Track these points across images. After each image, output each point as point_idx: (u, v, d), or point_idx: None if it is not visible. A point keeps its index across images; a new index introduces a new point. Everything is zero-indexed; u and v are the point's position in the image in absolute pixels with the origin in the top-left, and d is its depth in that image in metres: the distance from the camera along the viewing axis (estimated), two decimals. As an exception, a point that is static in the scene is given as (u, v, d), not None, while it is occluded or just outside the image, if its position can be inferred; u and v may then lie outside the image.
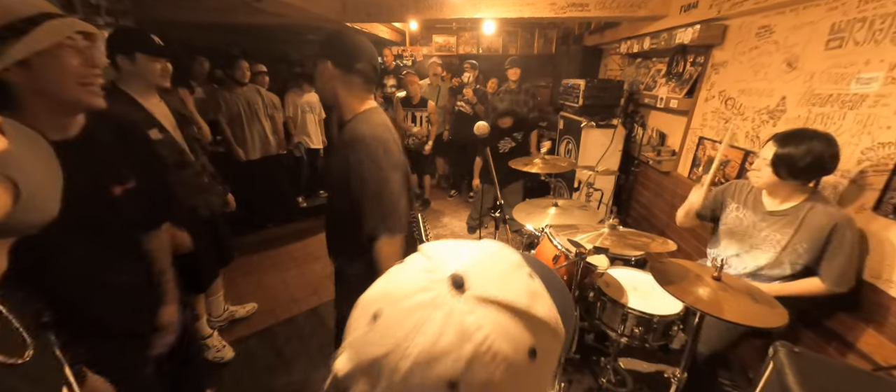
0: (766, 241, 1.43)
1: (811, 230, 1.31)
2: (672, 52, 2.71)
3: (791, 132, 1.32)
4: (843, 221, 1.27)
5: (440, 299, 0.28)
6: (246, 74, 3.09)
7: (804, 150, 1.25)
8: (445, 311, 0.27)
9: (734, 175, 2.09)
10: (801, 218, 1.34)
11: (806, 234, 1.32)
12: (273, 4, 2.30)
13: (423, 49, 5.56)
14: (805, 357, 0.75)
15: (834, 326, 1.52)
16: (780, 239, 1.39)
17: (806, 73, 1.70)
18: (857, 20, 1.49)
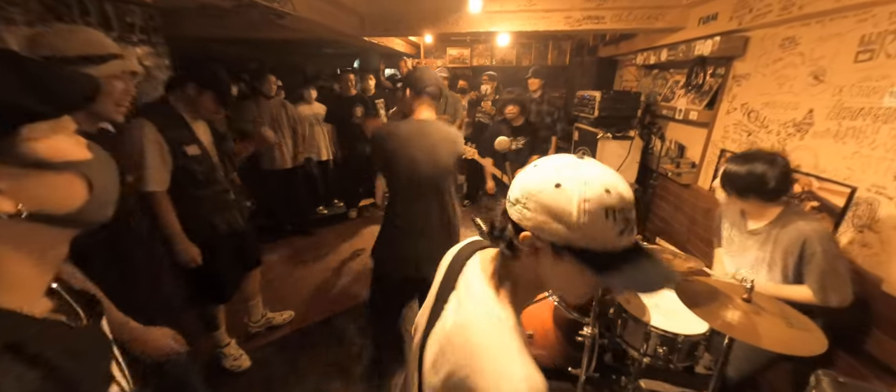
0: (757, 260, 1.40)
1: (785, 246, 1.29)
2: (691, 64, 2.67)
3: (742, 153, 1.35)
4: (813, 235, 1.23)
5: (582, 165, 0.53)
6: (273, 88, 3.20)
7: (745, 169, 1.28)
8: (589, 168, 0.52)
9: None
10: (774, 235, 1.32)
11: (781, 250, 1.30)
12: (295, 21, 2.37)
13: (438, 61, 5.63)
14: (851, 388, 0.71)
15: (873, 350, 1.44)
16: (763, 256, 1.36)
17: (834, 86, 1.65)
18: (890, 32, 1.45)
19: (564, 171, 0.50)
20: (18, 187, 0.39)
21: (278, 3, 2.03)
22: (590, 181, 0.49)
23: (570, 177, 0.49)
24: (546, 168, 0.52)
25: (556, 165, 0.52)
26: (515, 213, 0.53)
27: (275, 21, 2.32)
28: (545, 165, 0.53)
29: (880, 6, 1.47)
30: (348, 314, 2.57)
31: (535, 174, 0.53)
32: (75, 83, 0.45)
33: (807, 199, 1.76)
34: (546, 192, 0.50)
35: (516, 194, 0.53)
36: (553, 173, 0.51)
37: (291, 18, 2.28)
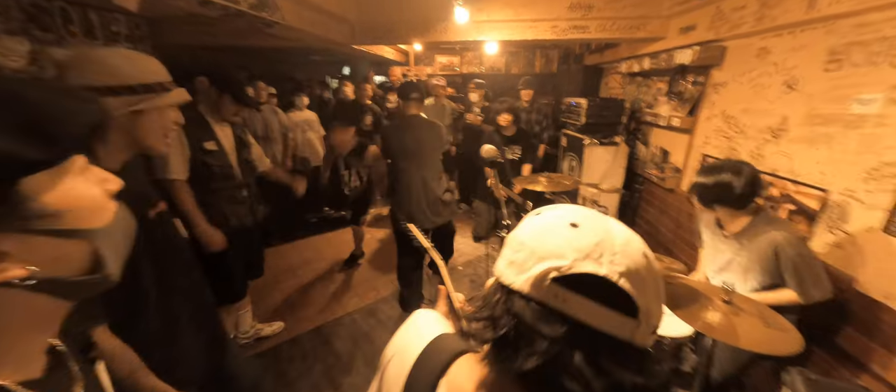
0: (730, 263, 1.44)
1: (758, 252, 1.33)
2: (672, 72, 2.76)
3: (710, 165, 1.40)
4: (782, 241, 1.27)
5: (605, 216, 0.43)
6: (263, 95, 3.22)
7: (712, 180, 1.33)
8: (614, 222, 0.42)
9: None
10: (746, 242, 1.37)
11: (755, 256, 1.34)
12: (284, 29, 2.38)
13: (427, 69, 5.68)
14: (820, 384, 0.74)
15: (847, 347, 1.50)
16: (740, 261, 1.41)
17: (806, 94, 1.73)
18: (855, 43, 1.53)
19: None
20: (28, 249, 0.34)
21: (267, 12, 2.04)
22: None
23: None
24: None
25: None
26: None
27: (263, 29, 2.33)
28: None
29: (845, 18, 1.55)
30: (338, 323, 2.55)
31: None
32: (77, 116, 0.38)
33: (784, 202, 1.82)
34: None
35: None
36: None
37: (280, 27, 2.29)
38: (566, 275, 0.37)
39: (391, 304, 2.75)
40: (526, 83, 3.80)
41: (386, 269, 3.20)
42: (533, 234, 0.41)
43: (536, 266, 0.38)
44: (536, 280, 0.38)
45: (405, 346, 0.51)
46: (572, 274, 0.37)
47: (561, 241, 0.39)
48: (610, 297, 0.36)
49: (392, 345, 0.53)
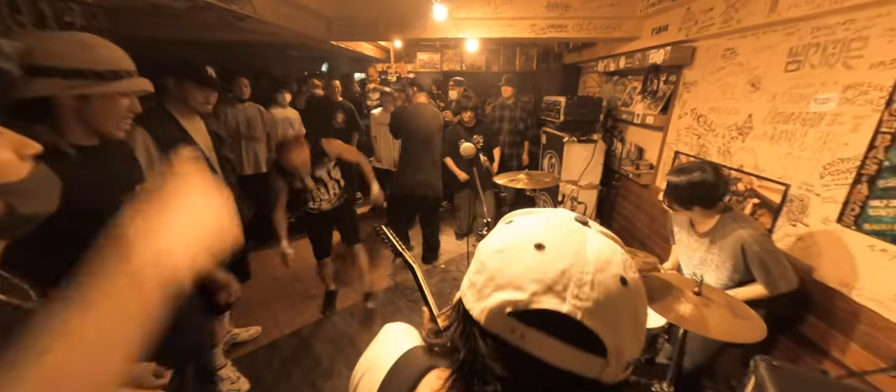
0: (703, 261, 1.51)
1: (727, 250, 1.40)
2: (646, 72, 2.84)
3: (677, 168, 1.44)
4: (748, 238, 1.34)
5: (581, 230, 0.37)
6: (246, 91, 3.09)
7: (685, 181, 1.37)
8: (591, 236, 0.36)
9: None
10: (717, 240, 1.43)
11: (726, 253, 1.41)
12: (256, 23, 2.29)
13: (408, 66, 5.63)
14: (783, 370, 0.78)
15: (809, 334, 1.59)
16: (711, 258, 1.47)
17: (769, 94, 1.81)
18: (812, 45, 1.61)
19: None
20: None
21: (237, 4, 1.96)
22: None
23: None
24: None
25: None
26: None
27: (234, 23, 2.23)
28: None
29: (803, 21, 1.64)
30: (318, 326, 2.50)
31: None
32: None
33: (749, 197, 1.91)
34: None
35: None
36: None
37: (253, 21, 2.20)
38: (524, 310, 0.33)
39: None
40: (507, 81, 3.82)
41: (367, 269, 3.15)
42: (494, 254, 0.37)
43: (494, 295, 0.35)
44: (492, 312, 0.34)
45: (375, 362, 0.49)
46: (531, 310, 0.33)
47: (521, 268, 0.34)
48: (574, 334, 0.32)
49: (363, 360, 0.51)
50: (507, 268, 0.35)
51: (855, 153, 1.43)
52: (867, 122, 1.39)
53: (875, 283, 1.36)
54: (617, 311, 0.33)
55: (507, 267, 0.35)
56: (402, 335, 0.51)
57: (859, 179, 1.41)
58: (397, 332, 0.52)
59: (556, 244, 0.35)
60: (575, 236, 0.36)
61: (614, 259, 0.35)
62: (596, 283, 0.33)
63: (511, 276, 0.35)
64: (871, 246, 1.37)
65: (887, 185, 1.32)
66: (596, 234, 0.37)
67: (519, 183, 2.33)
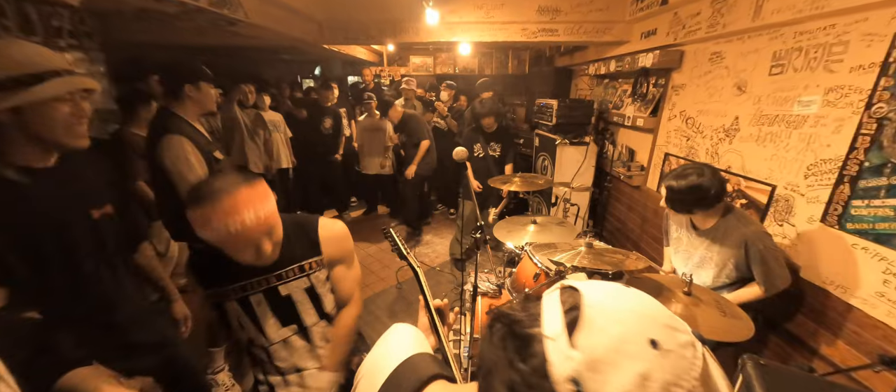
0: (703, 259, 1.54)
1: (730, 248, 1.43)
2: (636, 75, 2.89)
3: (677, 172, 1.44)
4: (752, 236, 1.37)
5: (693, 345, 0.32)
6: (251, 98, 3.18)
7: (685, 185, 1.39)
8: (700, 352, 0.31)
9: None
10: (719, 237, 1.46)
11: (728, 251, 1.44)
12: (248, 27, 2.28)
13: (401, 69, 5.64)
14: (770, 368, 0.79)
15: (797, 332, 1.62)
16: (711, 256, 1.50)
17: (754, 96, 1.86)
18: (795, 49, 1.65)
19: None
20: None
21: (228, 9, 1.95)
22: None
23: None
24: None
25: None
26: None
27: (225, 27, 2.22)
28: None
29: (786, 26, 1.68)
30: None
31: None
32: None
33: (737, 197, 1.95)
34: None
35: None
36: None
37: (244, 25, 2.20)
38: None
39: (369, 309, 2.71)
40: (482, 86, 3.84)
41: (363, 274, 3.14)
42: (606, 344, 0.29)
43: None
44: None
45: (374, 366, 0.47)
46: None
47: (629, 378, 0.28)
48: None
49: (365, 363, 0.51)
50: (615, 374, 0.28)
51: (837, 154, 1.47)
52: (848, 123, 1.43)
53: (858, 280, 1.40)
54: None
55: (615, 373, 0.28)
56: (407, 338, 0.50)
57: (841, 180, 1.44)
58: (403, 335, 0.50)
59: (672, 344, 0.30)
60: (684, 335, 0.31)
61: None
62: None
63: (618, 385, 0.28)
64: (853, 245, 1.41)
65: (868, 185, 1.36)
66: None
67: (512, 185, 2.34)
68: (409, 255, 0.94)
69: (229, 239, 0.74)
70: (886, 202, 1.30)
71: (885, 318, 1.32)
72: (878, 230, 1.32)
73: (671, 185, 1.42)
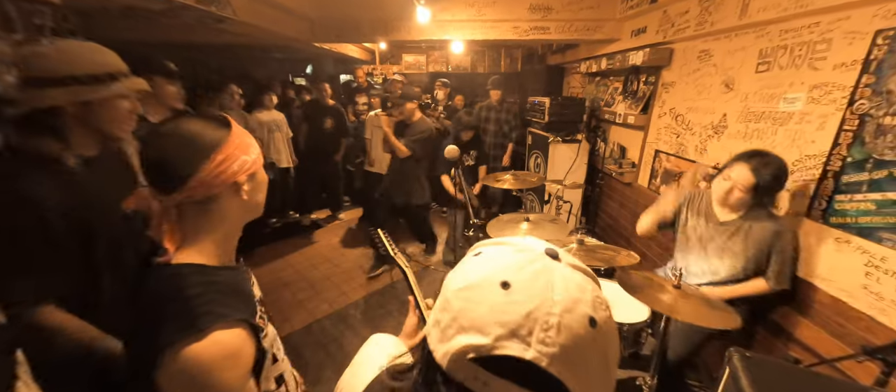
0: (719, 249, 1.54)
1: (757, 237, 1.45)
2: (626, 72, 2.91)
3: (757, 156, 1.41)
4: (784, 227, 1.41)
5: (550, 266, 0.35)
6: (236, 99, 3.16)
7: (772, 173, 1.38)
8: (560, 272, 0.34)
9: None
10: (747, 227, 1.48)
11: (753, 241, 1.45)
12: (237, 25, 2.25)
13: (394, 68, 5.62)
14: (756, 360, 0.81)
15: (782, 323, 1.65)
16: (730, 246, 1.51)
17: (741, 94, 1.89)
18: (780, 47, 1.68)
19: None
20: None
21: (216, 6, 1.92)
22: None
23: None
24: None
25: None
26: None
27: (213, 25, 2.19)
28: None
29: (772, 24, 1.71)
30: (307, 331, 2.47)
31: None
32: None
33: (725, 193, 1.98)
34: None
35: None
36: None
37: (233, 22, 2.17)
38: (487, 357, 0.31)
39: (362, 309, 2.70)
40: (494, 83, 3.86)
41: (356, 274, 3.14)
42: (459, 290, 0.35)
43: (456, 338, 0.32)
44: (455, 357, 0.32)
45: (348, 384, 0.48)
46: (494, 356, 0.31)
47: (485, 309, 0.32)
48: (540, 382, 0.30)
49: (342, 379, 0.51)
50: (471, 308, 0.33)
51: (821, 150, 1.50)
52: (831, 120, 1.46)
53: (842, 273, 1.43)
54: (585, 356, 0.32)
55: (471, 307, 0.33)
56: (381, 352, 0.50)
57: (825, 175, 1.48)
58: (377, 350, 0.50)
59: (523, 282, 0.33)
60: (543, 274, 0.34)
61: (584, 297, 0.33)
62: (563, 326, 0.31)
63: (474, 317, 0.32)
64: (837, 238, 1.44)
65: (850, 180, 1.39)
66: (565, 269, 0.35)
67: (505, 183, 2.35)
68: (397, 255, 0.94)
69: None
70: (868, 196, 1.33)
71: (867, 310, 1.35)
72: (861, 224, 1.36)
73: (763, 173, 1.37)
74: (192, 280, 0.58)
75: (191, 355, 0.52)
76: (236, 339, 0.57)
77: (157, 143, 0.59)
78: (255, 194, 0.69)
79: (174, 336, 0.52)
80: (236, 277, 0.68)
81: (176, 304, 0.55)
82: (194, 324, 0.53)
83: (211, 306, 0.56)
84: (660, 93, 2.57)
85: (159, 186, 0.59)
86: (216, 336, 0.54)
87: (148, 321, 0.56)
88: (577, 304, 0.32)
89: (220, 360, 0.54)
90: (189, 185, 0.58)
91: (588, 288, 0.34)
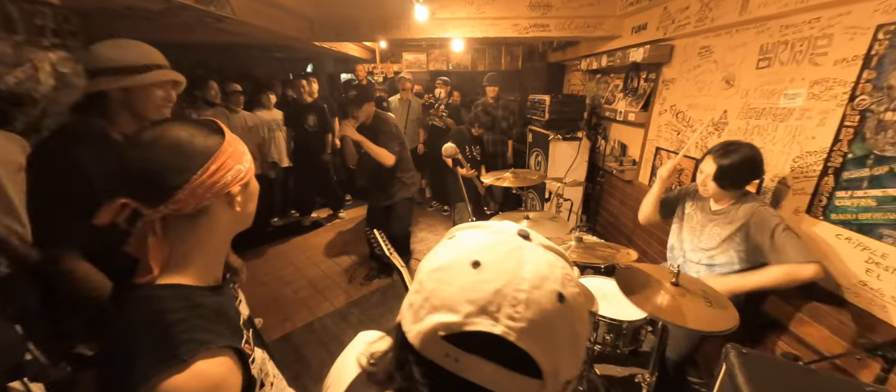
0: (710, 235, 1.57)
1: (739, 222, 1.47)
2: (627, 69, 2.90)
3: (723, 147, 1.46)
4: (758, 208, 1.43)
5: (522, 245, 0.36)
6: (241, 100, 3.19)
7: (738, 160, 1.41)
8: (531, 251, 0.35)
9: (688, 181, 2.24)
10: (733, 214, 1.50)
11: (738, 225, 1.47)
12: (236, 24, 2.26)
13: (394, 66, 5.62)
14: (752, 357, 0.81)
15: (781, 319, 1.65)
16: (720, 232, 1.53)
17: (742, 90, 1.88)
18: (781, 43, 1.67)
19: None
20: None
21: (215, 5, 1.92)
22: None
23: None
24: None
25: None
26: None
27: (213, 25, 2.19)
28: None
29: (773, 20, 1.70)
30: (309, 330, 2.48)
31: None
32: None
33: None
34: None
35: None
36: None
37: (232, 22, 2.17)
38: (457, 333, 0.32)
39: (363, 308, 2.71)
40: (490, 80, 3.86)
41: (357, 273, 3.14)
42: (432, 272, 0.36)
43: (428, 318, 0.33)
44: (426, 336, 0.33)
45: (335, 380, 0.48)
46: (464, 332, 0.31)
47: (456, 288, 0.33)
48: (509, 356, 0.31)
49: (329, 376, 0.50)
50: (443, 288, 0.34)
51: (822, 146, 1.49)
52: (832, 116, 1.45)
53: (842, 270, 1.42)
54: (553, 330, 0.32)
55: (443, 287, 0.34)
56: (363, 345, 0.49)
57: (826, 171, 1.47)
58: (361, 345, 0.49)
59: (493, 262, 0.34)
60: (514, 253, 0.35)
61: (553, 274, 0.34)
62: (531, 301, 0.32)
63: (446, 296, 0.33)
64: (837, 235, 1.43)
65: (851, 176, 1.38)
66: (536, 249, 0.36)
67: (505, 181, 2.35)
68: (392, 255, 0.94)
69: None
70: (869, 193, 1.32)
71: (867, 307, 1.34)
72: (861, 220, 1.35)
73: (723, 164, 1.42)
74: (172, 304, 0.54)
75: (171, 389, 0.48)
76: (221, 369, 0.53)
77: (140, 152, 0.54)
78: (248, 204, 0.65)
79: (153, 369, 0.48)
80: (222, 299, 0.63)
81: (155, 331, 0.51)
82: (175, 354, 0.49)
83: (193, 333, 0.52)
84: (660, 90, 2.56)
85: (143, 199, 0.54)
86: (199, 367, 0.50)
87: (124, 349, 0.52)
88: (545, 280, 0.33)
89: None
90: (177, 198, 0.54)
91: (558, 265, 0.35)
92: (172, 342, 0.50)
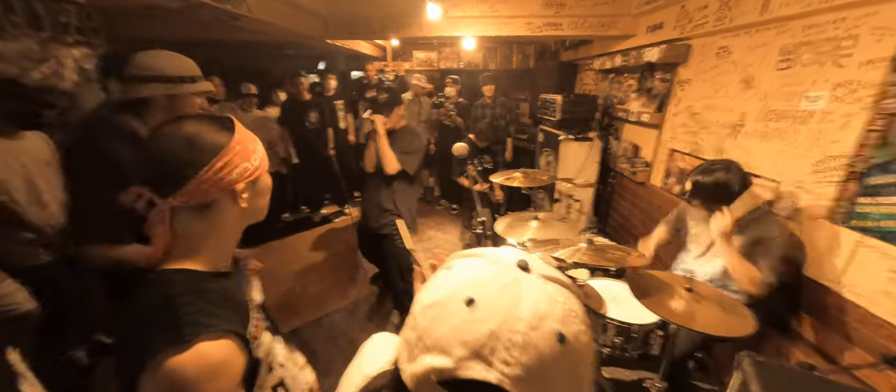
0: (716, 250, 1.53)
1: (754, 237, 1.45)
2: (641, 69, 2.85)
3: (702, 167, 1.51)
4: (769, 219, 1.46)
5: (519, 278, 0.33)
6: (253, 101, 3.25)
7: (711, 180, 1.45)
8: (529, 285, 0.33)
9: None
10: (743, 229, 1.48)
11: (746, 242, 1.46)
12: (251, 22, 2.29)
13: (405, 64, 5.63)
14: (767, 365, 0.79)
15: (798, 327, 1.61)
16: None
17: (761, 92, 1.83)
18: (803, 43, 1.62)
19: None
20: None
21: (231, 4, 1.96)
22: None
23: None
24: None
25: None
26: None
27: (228, 21, 2.23)
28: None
29: (795, 20, 1.65)
30: (318, 325, 2.51)
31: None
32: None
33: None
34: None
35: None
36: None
37: (248, 20, 2.21)
38: (450, 379, 0.30)
39: (372, 303, 2.73)
40: (486, 79, 3.87)
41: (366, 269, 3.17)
42: (426, 308, 0.34)
43: (421, 358, 0.32)
44: (419, 379, 0.32)
45: (344, 388, 0.48)
46: (457, 378, 0.30)
47: (448, 327, 0.31)
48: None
49: (340, 384, 0.51)
50: (436, 327, 0.32)
51: (844, 151, 1.45)
52: (856, 119, 1.41)
53: (863, 278, 1.38)
54: (551, 376, 0.30)
55: (436, 326, 0.32)
56: (378, 354, 0.50)
57: (848, 176, 1.42)
58: (374, 352, 0.50)
59: (488, 298, 0.32)
60: (510, 288, 0.32)
61: (553, 312, 0.31)
62: (527, 344, 0.30)
63: (438, 336, 0.32)
64: (858, 242, 1.39)
65: (875, 182, 1.34)
66: (535, 282, 0.33)
67: (515, 181, 2.34)
68: (414, 251, 0.95)
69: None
70: (894, 200, 1.28)
71: (889, 317, 1.30)
72: (885, 228, 1.31)
73: (697, 180, 1.47)
74: (181, 288, 0.56)
75: (174, 366, 0.50)
76: (223, 351, 0.55)
77: (159, 142, 0.58)
78: (256, 200, 0.67)
79: (158, 346, 0.51)
80: (230, 284, 0.65)
81: (163, 313, 0.54)
82: (180, 334, 0.52)
83: (198, 316, 0.54)
84: (675, 90, 2.52)
85: (156, 187, 0.57)
86: (201, 348, 0.52)
87: (135, 329, 0.55)
88: (543, 320, 0.31)
89: (205, 372, 0.52)
90: (185, 190, 0.57)
91: (559, 300, 0.33)
92: (178, 323, 0.53)
